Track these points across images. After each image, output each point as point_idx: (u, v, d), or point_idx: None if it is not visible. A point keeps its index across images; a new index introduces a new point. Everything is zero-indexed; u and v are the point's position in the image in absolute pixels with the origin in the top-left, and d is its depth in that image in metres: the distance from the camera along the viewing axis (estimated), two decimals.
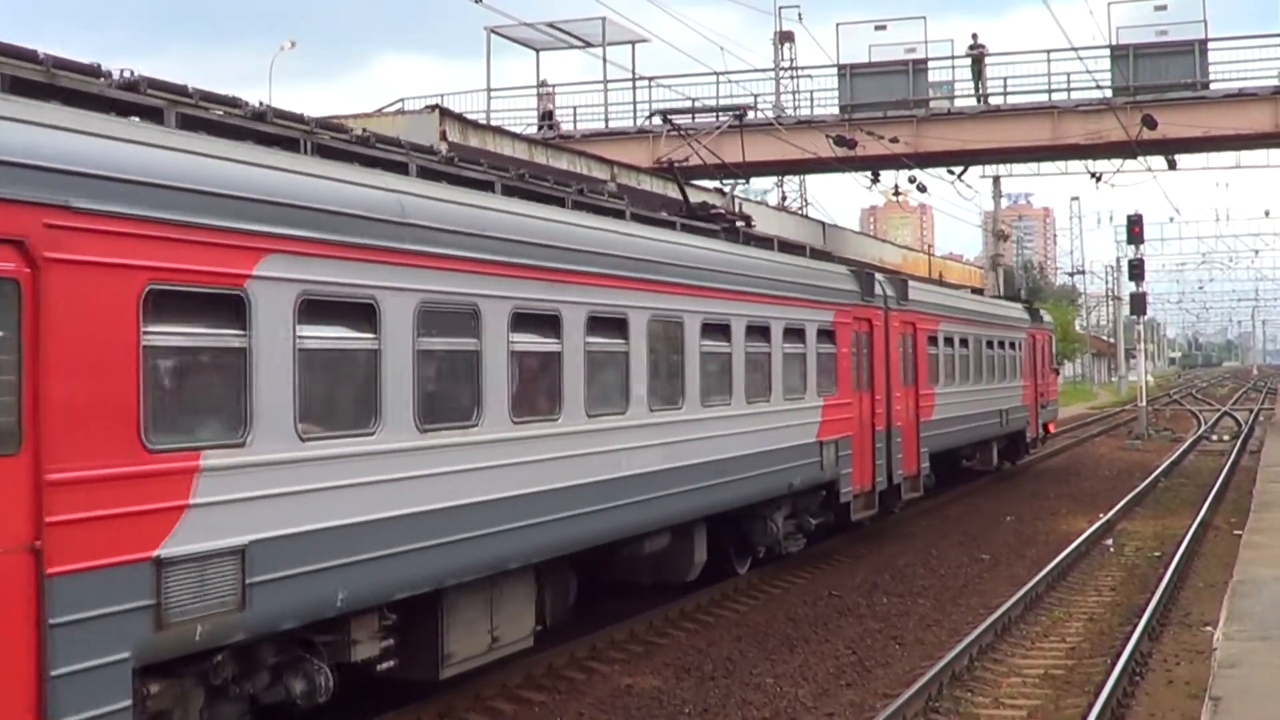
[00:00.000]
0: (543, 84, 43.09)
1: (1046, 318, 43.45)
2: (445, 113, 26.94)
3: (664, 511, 15.56)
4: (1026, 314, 38.50)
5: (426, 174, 12.52)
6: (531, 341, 13.11)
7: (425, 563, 11.34)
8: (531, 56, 45.02)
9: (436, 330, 11.50)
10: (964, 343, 29.58)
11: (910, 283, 26.26)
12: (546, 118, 41.43)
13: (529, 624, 13.40)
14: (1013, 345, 35.01)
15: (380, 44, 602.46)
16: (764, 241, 20.57)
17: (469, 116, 31.75)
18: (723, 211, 20.76)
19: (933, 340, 26.88)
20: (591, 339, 14.01)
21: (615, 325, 14.62)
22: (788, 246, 21.92)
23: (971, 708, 13.36)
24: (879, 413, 22.87)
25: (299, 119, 11.73)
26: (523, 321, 12.83)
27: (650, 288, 15.31)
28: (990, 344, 32.17)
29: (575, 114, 42.32)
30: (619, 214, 16.05)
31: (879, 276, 24.43)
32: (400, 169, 12.11)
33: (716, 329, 16.89)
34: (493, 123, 35.67)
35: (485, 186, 13.37)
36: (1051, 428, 42.28)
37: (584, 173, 30.43)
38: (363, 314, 10.64)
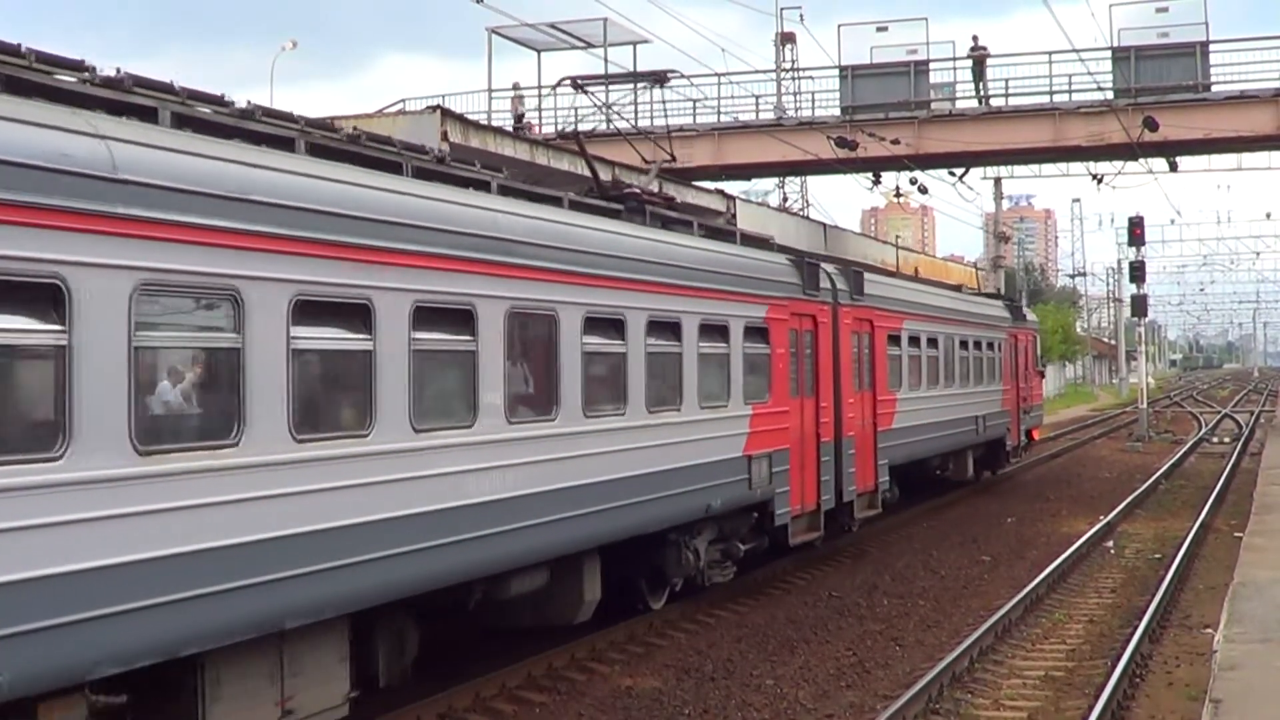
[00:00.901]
0: (514, 86, 42.89)
1: (1030, 316, 40.89)
2: (446, 113, 26.96)
3: (531, 544, 12.95)
4: (1007, 311, 35.95)
5: None
6: (326, 338, 10.51)
7: (151, 626, 8.71)
8: (533, 57, 45.01)
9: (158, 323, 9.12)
10: (933, 342, 27.10)
11: (867, 276, 23.80)
12: (517, 121, 41.14)
13: (341, 689, 10.90)
14: (991, 346, 32.53)
15: (382, 44, 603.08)
16: (682, 225, 17.89)
17: (470, 117, 31.75)
18: (636, 190, 17.85)
19: (894, 340, 24.54)
20: (421, 335, 11.37)
21: (456, 319, 12.02)
22: (718, 233, 19.43)
23: (972, 709, 13.36)
24: (825, 422, 20.43)
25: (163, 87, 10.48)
26: (310, 311, 10.14)
27: (509, 273, 12.68)
28: (965, 344, 29.74)
29: (576, 114, 42.22)
30: (480, 185, 13.49)
31: (828, 268, 21.77)
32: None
33: (606, 325, 14.50)
34: (494, 123, 35.67)
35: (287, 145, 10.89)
36: (1036, 434, 40.01)
37: (585, 174, 30.37)
38: None
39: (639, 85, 21.35)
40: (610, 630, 15.90)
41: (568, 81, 19.44)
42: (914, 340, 25.80)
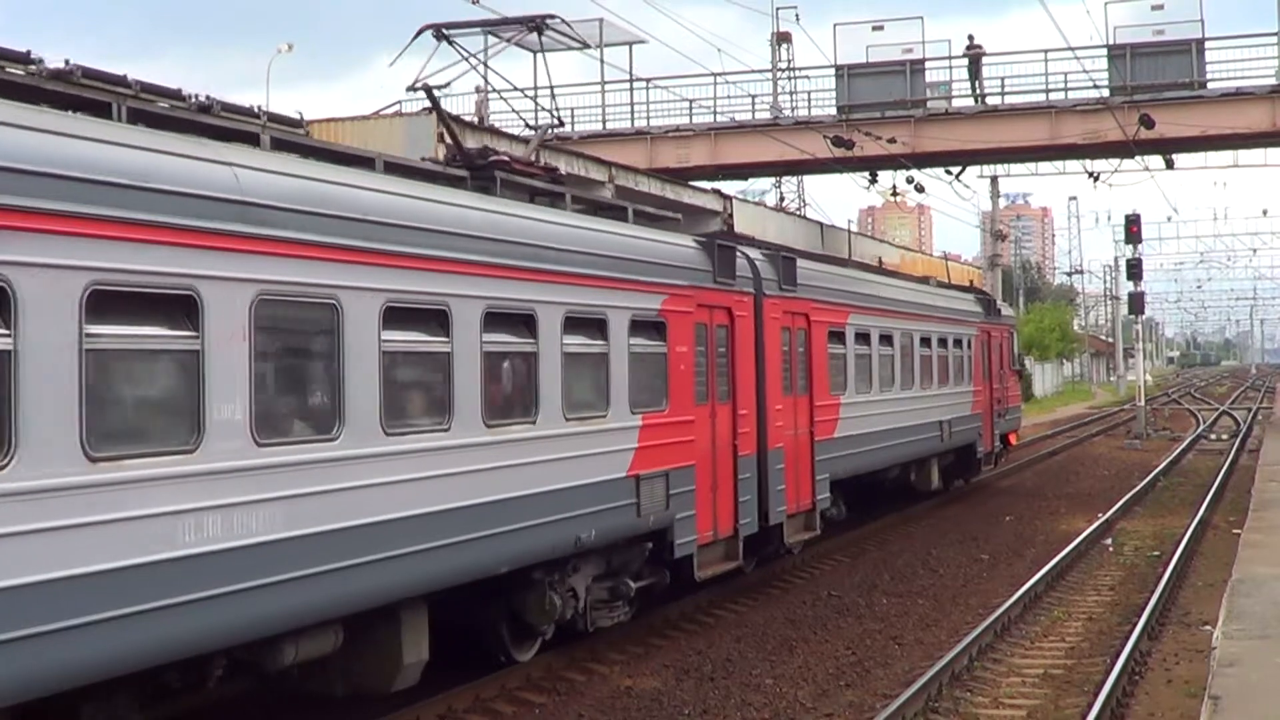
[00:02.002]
0: (478, 90, 42.42)
1: (1006, 311, 37.19)
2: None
3: (307, 599, 10.21)
4: (979, 306, 32.57)
5: None
6: None
7: None
8: (528, 58, 45.02)
9: None
10: (886, 339, 24.37)
11: (802, 263, 20.57)
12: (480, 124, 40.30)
13: None
14: (959, 343, 29.55)
15: (378, 46, 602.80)
16: (551, 198, 15.21)
17: (466, 118, 31.74)
18: (504, 159, 14.98)
19: (838, 336, 21.71)
20: (100, 329, 8.64)
21: (167, 308, 9.22)
22: (605, 208, 16.83)
23: (971, 708, 13.36)
24: (746, 432, 17.65)
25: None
26: None
27: (257, 248, 9.90)
28: (927, 341, 26.94)
29: (573, 115, 42.31)
30: (248, 138, 11.02)
31: (751, 252, 18.79)
32: None
33: (418, 317, 11.74)
34: (490, 124, 35.66)
35: None
36: (1014, 439, 36.84)
37: (581, 174, 30.41)
38: None
39: (513, 38, 18.00)
40: (609, 631, 15.89)
41: (429, 30, 15.88)
42: (862, 337, 23.03)
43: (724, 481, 17.06)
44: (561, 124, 17.53)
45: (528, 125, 18.19)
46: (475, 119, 39.78)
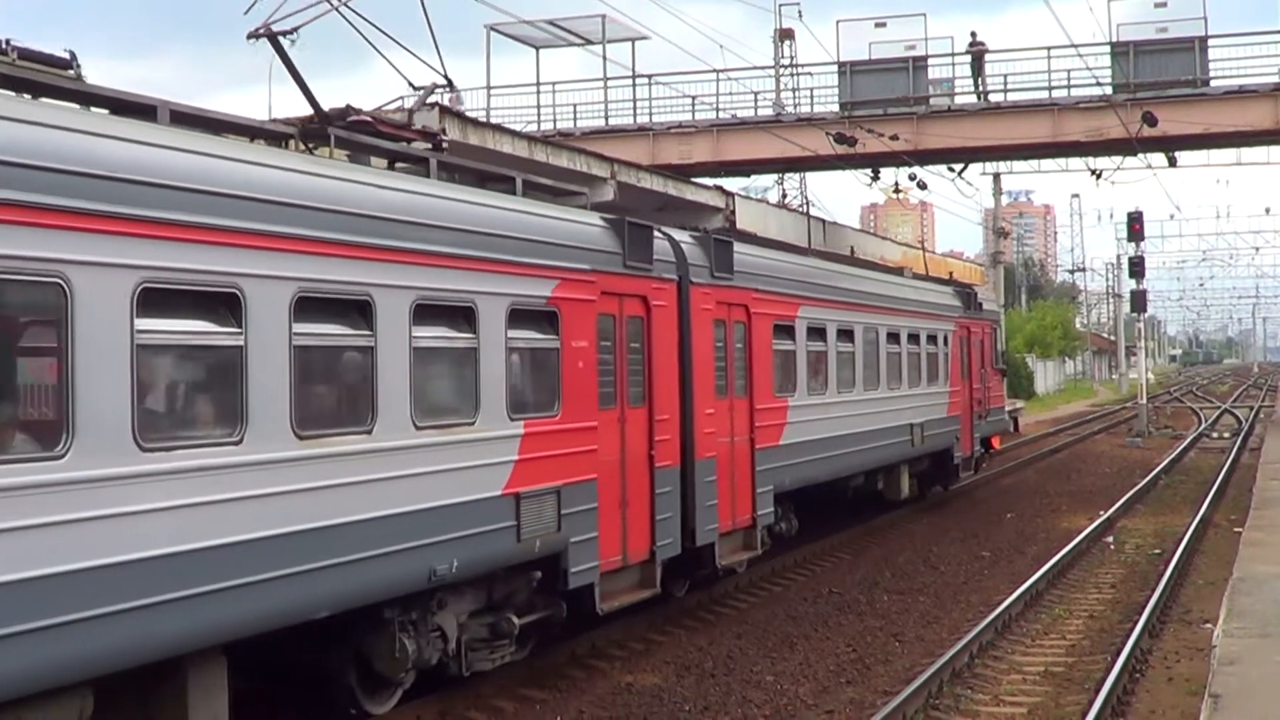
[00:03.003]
0: (431, 89, 40.41)
1: (989, 305, 34.27)
2: (445, 110, 26.89)
3: (49, 655, 8.23)
4: (958, 299, 29.95)
5: None
6: None
7: None
8: (531, 54, 45.06)
9: None
10: (846, 335, 22.07)
11: (741, 248, 18.30)
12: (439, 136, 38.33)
13: None
14: (934, 339, 27.20)
15: (383, 43, 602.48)
16: (413, 163, 13.12)
17: (470, 114, 31.74)
18: (366, 119, 12.71)
19: (786, 331, 19.50)
20: None
21: None
22: (489, 178, 14.19)
23: (972, 705, 13.37)
24: (666, 440, 15.56)
25: None
26: None
27: None
28: (895, 337, 24.67)
29: (575, 111, 42.31)
30: None
31: (675, 234, 16.72)
32: None
33: (198, 303, 9.50)
34: (492, 120, 35.67)
35: None
36: (997, 443, 34.61)
37: (584, 170, 30.40)
38: None
39: None
40: (610, 627, 15.89)
41: None
42: (817, 332, 20.74)
43: (637, 498, 14.89)
44: (451, 85, 14.67)
45: (413, 87, 14.61)
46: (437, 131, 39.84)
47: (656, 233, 15.85)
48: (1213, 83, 38.75)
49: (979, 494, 31.91)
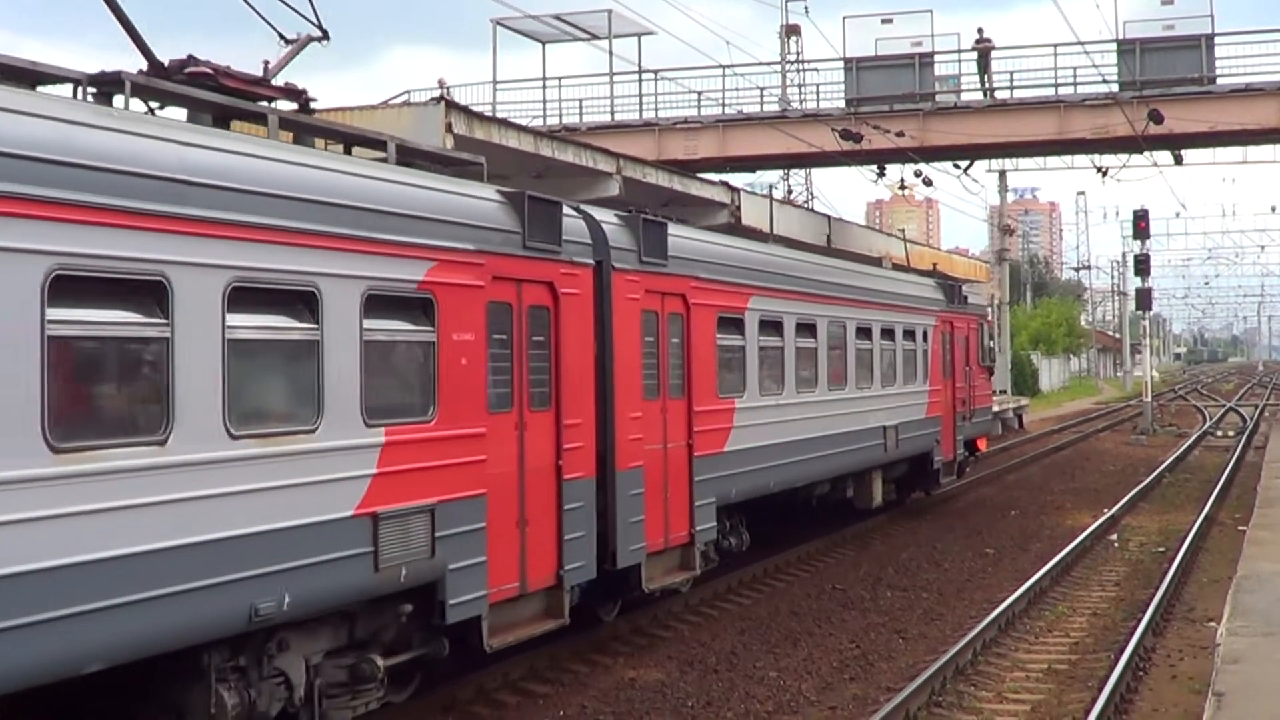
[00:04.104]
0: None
1: (975, 298, 31.89)
2: (451, 105, 26.90)
3: None
4: (940, 292, 27.89)
5: None
6: None
7: None
8: (537, 49, 45.07)
9: None
10: (808, 329, 20.08)
11: (677, 231, 16.40)
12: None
13: None
14: (911, 335, 25.19)
15: (390, 36, 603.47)
16: (249, 119, 11.26)
17: (475, 109, 31.73)
18: (206, 71, 10.83)
19: (733, 325, 17.56)
20: None
21: None
22: (357, 141, 12.68)
23: (975, 702, 13.37)
24: (576, 448, 13.59)
25: None
26: None
27: None
28: (866, 332, 22.71)
29: (581, 106, 42.31)
30: None
31: (597, 214, 14.88)
32: None
33: None
34: (498, 115, 35.67)
35: None
36: (982, 445, 32.28)
37: (590, 165, 30.42)
38: None
39: None
40: (613, 623, 15.89)
41: None
42: (771, 325, 18.79)
43: (540, 516, 12.98)
44: (326, 35, 12.48)
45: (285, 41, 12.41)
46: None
47: (569, 210, 13.93)
48: (1219, 81, 38.69)
49: (983, 491, 31.89)
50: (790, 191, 66.26)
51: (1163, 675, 14.24)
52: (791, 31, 54.12)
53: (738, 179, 42.69)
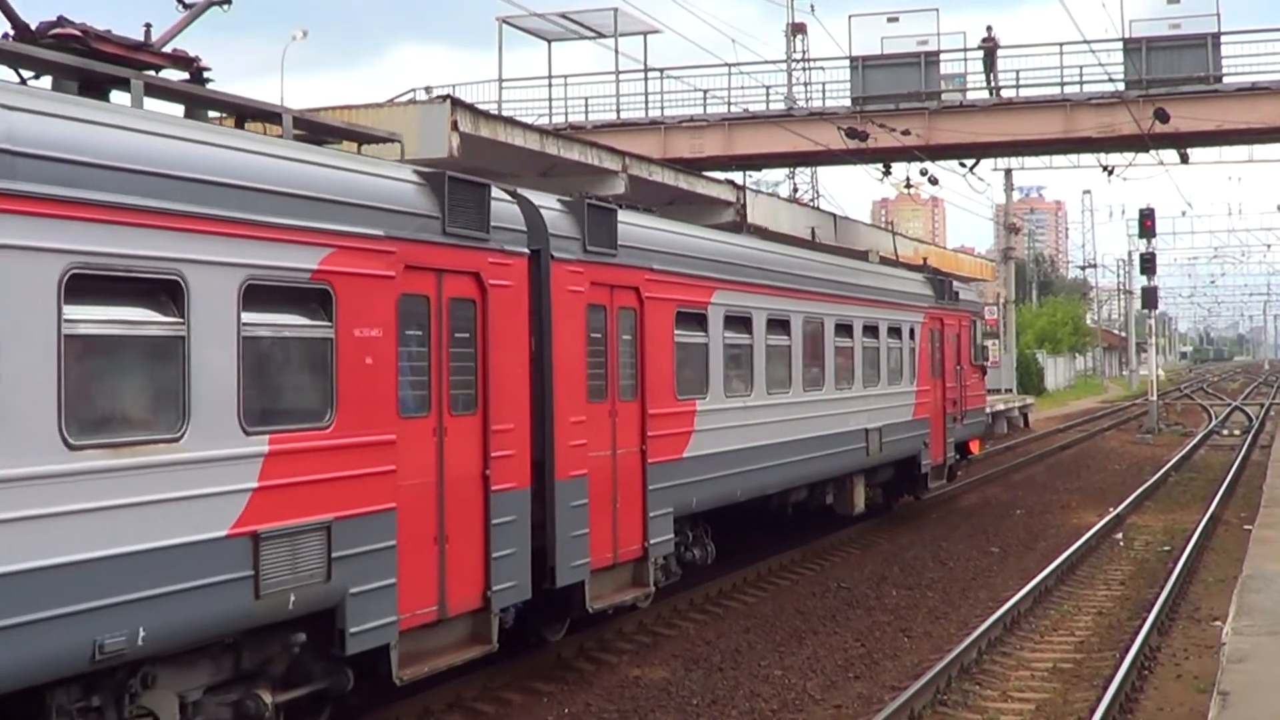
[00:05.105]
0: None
1: (966, 294, 30.50)
2: (456, 103, 26.89)
3: None
4: (929, 287, 26.63)
5: None
6: None
7: None
8: (544, 47, 45.10)
9: None
10: (780, 325, 18.86)
11: (627, 216, 15.12)
12: None
13: None
14: (897, 332, 23.95)
15: (396, 34, 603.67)
16: (113, 85, 9.84)
17: (481, 107, 31.74)
18: (75, 33, 9.69)
19: (695, 320, 16.33)
20: None
21: None
22: (251, 114, 11.22)
23: (980, 700, 13.37)
24: (506, 456, 12.27)
25: None
26: None
27: None
28: (847, 329, 21.51)
29: (587, 104, 42.33)
30: None
31: (535, 198, 13.56)
32: None
33: None
34: (504, 113, 35.67)
35: None
36: (976, 448, 30.64)
37: (596, 163, 30.41)
38: None
39: None
40: (618, 620, 15.90)
41: None
42: (738, 321, 17.54)
43: (463, 531, 11.72)
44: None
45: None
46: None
47: (500, 193, 12.56)
48: (1225, 79, 38.67)
49: (988, 490, 31.87)
50: (796, 190, 66.22)
51: (1168, 674, 14.23)
52: (797, 30, 54.09)
53: (744, 178, 42.70)
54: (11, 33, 9.60)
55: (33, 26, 9.64)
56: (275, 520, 9.53)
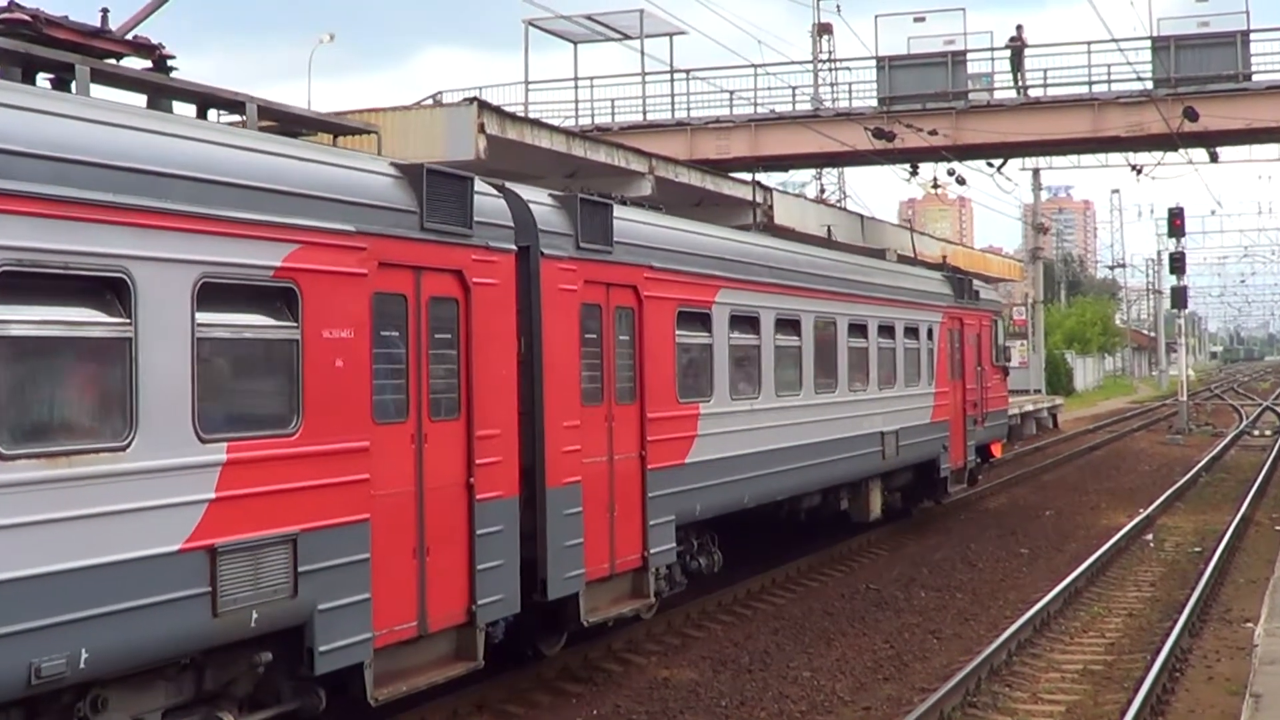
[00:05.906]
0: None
1: (986, 294, 29.80)
2: (483, 105, 26.96)
3: None
4: (948, 286, 25.93)
5: None
6: None
7: None
8: (569, 49, 45.14)
9: None
10: (790, 326, 18.26)
11: (624, 212, 14.61)
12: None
13: None
14: (914, 332, 23.29)
15: (422, 37, 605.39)
16: (58, 70, 9.29)
17: (508, 109, 31.81)
18: (25, 18, 9.11)
19: (698, 320, 15.75)
20: None
21: None
22: (217, 103, 10.77)
23: (1010, 702, 13.32)
24: (492, 463, 11.71)
25: None
26: None
27: None
28: (861, 329, 20.87)
29: (614, 106, 42.35)
30: None
31: (524, 192, 13.10)
32: None
33: None
34: (530, 115, 35.73)
35: None
36: (997, 451, 30.07)
37: (622, 165, 30.43)
38: None
39: None
40: (647, 622, 15.89)
41: None
42: (745, 321, 16.96)
43: (445, 542, 11.17)
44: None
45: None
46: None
47: (485, 187, 12.02)
48: (1255, 77, 38.43)
49: (1017, 492, 31.77)
50: (823, 191, 66.15)
51: (1199, 676, 14.15)
52: (824, 30, 54.06)
53: (770, 179, 42.66)
54: None
55: None
56: (234, 533, 8.99)
